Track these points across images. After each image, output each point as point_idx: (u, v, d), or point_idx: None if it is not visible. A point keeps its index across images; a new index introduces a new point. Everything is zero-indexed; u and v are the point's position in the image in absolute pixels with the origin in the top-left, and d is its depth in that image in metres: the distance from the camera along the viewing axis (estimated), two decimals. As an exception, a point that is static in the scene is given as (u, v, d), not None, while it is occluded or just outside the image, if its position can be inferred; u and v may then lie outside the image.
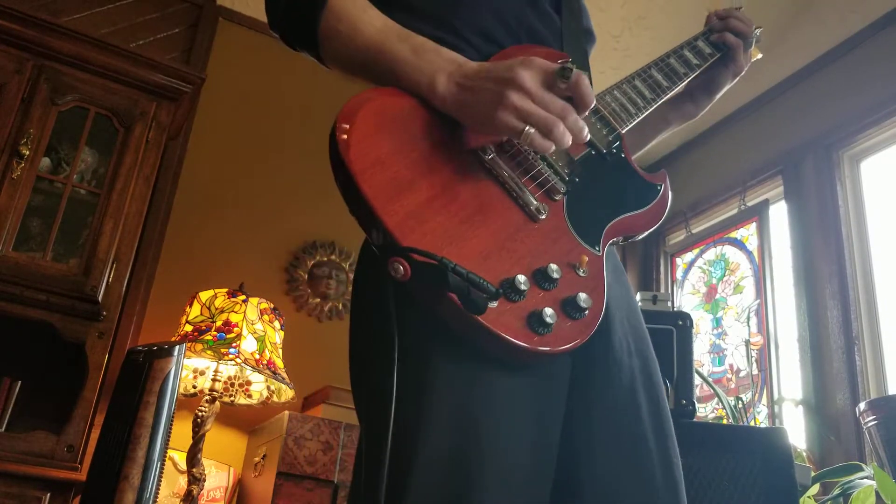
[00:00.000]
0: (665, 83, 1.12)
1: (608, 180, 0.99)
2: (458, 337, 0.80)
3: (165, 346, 1.98)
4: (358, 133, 0.81)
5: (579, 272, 0.87)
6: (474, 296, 0.74)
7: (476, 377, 0.81)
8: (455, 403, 0.80)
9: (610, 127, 1.02)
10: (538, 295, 0.82)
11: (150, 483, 1.83)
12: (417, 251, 0.75)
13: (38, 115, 2.40)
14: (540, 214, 0.88)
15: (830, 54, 3.24)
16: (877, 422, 2.20)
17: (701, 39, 1.21)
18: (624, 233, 0.98)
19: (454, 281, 0.74)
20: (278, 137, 3.31)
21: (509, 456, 0.80)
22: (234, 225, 3.10)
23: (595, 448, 0.88)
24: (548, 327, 0.80)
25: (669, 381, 1.77)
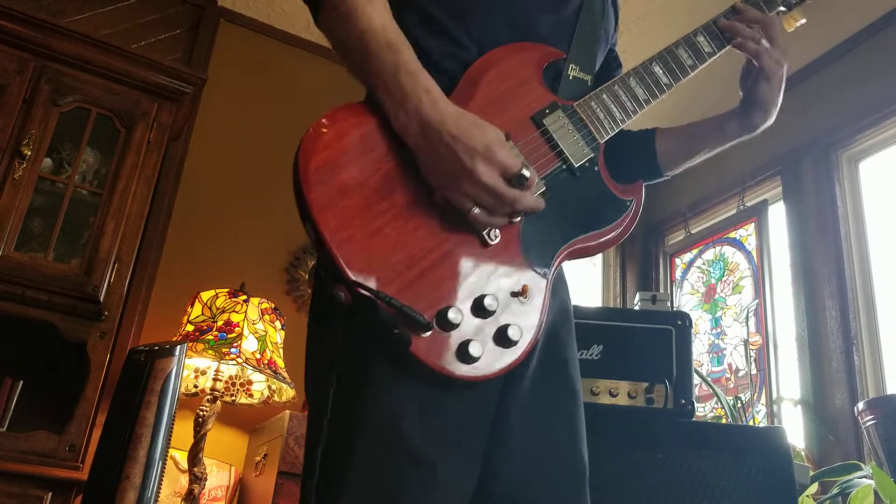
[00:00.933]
0: (665, 80, 1.06)
1: (575, 198, 0.97)
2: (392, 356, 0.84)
3: (167, 346, 1.98)
4: (318, 160, 0.84)
5: (520, 300, 0.89)
6: (398, 330, 0.79)
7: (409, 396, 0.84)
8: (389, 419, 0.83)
9: (589, 137, 0.99)
10: (473, 324, 0.85)
11: (152, 482, 1.84)
12: (357, 284, 0.79)
13: (39, 116, 2.41)
14: (490, 239, 0.89)
15: (830, 54, 3.24)
16: (875, 421, 2.21)
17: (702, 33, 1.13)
18: (580, 254, 0.98)
19: (384, 314, 0.79)
20: (279, 138, 3.31)
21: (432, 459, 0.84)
22: (235, 225, 3.10)
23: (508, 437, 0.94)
24: (474, 358, 0.83)
25: (668, 380, 1.78)
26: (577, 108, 1.00)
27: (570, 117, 0.98)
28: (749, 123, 1.16)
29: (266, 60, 3.43)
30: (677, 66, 1.08)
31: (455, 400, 0.87)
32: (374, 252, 0.82)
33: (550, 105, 0.98)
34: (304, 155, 0.84)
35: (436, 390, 0.85)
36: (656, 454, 1.72)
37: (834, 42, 3.22)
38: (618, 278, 3.95)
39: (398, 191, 0.87)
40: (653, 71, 1.06)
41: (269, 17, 3.45)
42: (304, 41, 3.52)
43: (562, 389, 1.00)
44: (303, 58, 3.51)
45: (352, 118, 0.89)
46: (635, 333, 1.85)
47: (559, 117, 0.98)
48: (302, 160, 0.83)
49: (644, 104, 1.04)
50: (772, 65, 1.12)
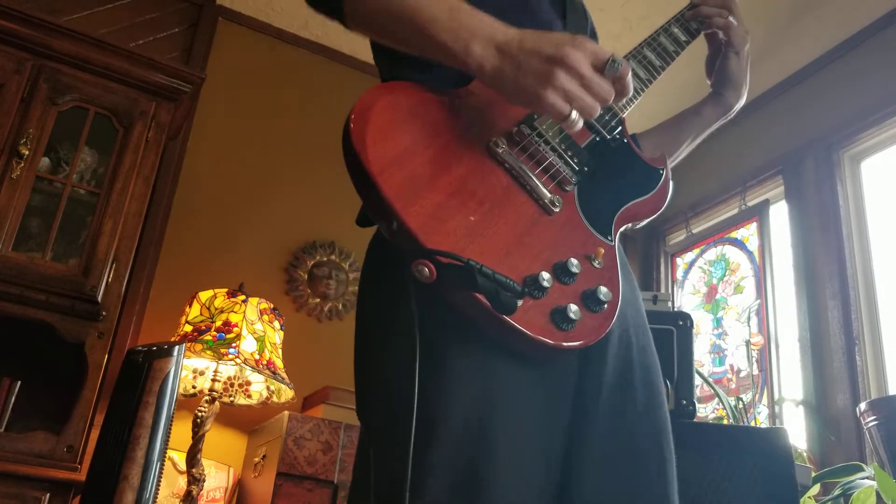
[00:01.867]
0: (658, 62, 1.12)
1: (614, 167, 0.99)
2: (472, 334, 0.80)
3: (165, 346, 1.97)
4: (373, 132, 0.80)
5: (595, 264, 0.87)
6: (503, 296, 0.74)
7: (490, 377, 0.81)
8: (470, 405, 0.80)
9: (612, 112, 1.02)
10: (559, 290, 0.82)
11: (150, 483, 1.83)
12: (443, 253, 0.75)
13: (37, 115, 2.40)
14: (554, 207, 0.89)
15: (830, 54, 3.23)
16: (877, 422, 2.20)
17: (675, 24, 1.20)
18: (632, 219, 0.99)
19: (482, 282, 0.74)
20: (278, 137, 3.31)
21: (519, 457, 0.81)
22: (233, 225, 3.09)
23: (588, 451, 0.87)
24: (572, 323, 0.80)
25: (670, 381, 1.77)
26: None
27: None
28: (723, 104, 1.20)
29: (265, 59, 3.42)
30: (664, 51, 1.14)
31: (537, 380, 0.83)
32: (447, 222, 0.79)
33: None
34: (357, 127, 0.80)
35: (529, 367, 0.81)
36: (657, 455, 1.71)
37: (835, 41, 3.21)
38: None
39: (455, 164, 0.84)
40: (646, 55, 1.11)
41: (267, 16, 3.44)
42: (303, 39, 3.51)
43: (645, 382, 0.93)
44: (302, 56, 3.50)
45: (397, 93, 0.87)
46: (636, 333, 1.83)
47: None
48: (356, 132, 0.79)
49: (647, 83, 1.09)
50: (739, 38, 1.17)
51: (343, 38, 3.52)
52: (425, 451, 0.78)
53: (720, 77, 1.19)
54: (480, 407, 0.80)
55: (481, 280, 0.73)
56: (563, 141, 0.94)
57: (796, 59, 3.32)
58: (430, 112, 0.86)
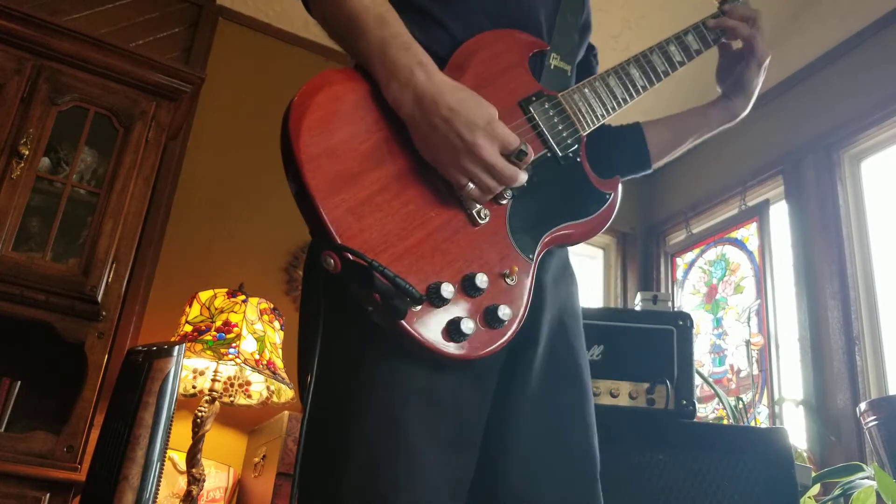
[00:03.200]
0: (641, 82, 1.09)
1: (558, 185, 0.98)
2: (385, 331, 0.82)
3: (165, 347, 1.97)
4: (311, 120, 0.81)
5: (507, 281, 0.87)
6: (397, 301, 0.76)
7: (404, 376, 0.83)
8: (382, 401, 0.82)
9: (572, 129, 1.00)
10: (462, 301, 0.83)
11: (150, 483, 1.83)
12: (350, 250, 0.76)
13: (37, 115, 2.40)
14: (480, 218, 0.88)
15: (831, 54, 3.23)
16: (877, 422, 2.20)
17: (692, 33, 1.18)
18: (561, 241, 0.98)
19: (379, 284, 0.76)
20: (278, 137, 3.30)
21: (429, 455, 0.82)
22: (233, 225, 3.09)
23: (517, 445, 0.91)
24: (463, 336, 0.81)
25: (670, 381, 1.77)
26: (561, 98, 1.01)
27: (554, 107, 0.99)
28: (731, 111, 1.22)
29: (264, 59, 3.42)
30: (651, 70, 1.12)
31: (450, 386, 0.85)
32: (365, 219, 0.80)
33: (536, 93, 0.99)
34: (296, 113, 0.81)
35: (429, 371, 0.83)
36: (657, 455, 1.72)
37: (835, 41, 3.21)
38: (619, 278, 3.94)
39: (389, 161, 0.85)
40: (630, 72, 1.09)
41: (267, 16, 3.44)
42: (303, 40, 3.51)
43: (571, 380, 0.98)
44: (301, 56, 3.50)
45: (345, 83, 0.87)
46: (636, 334, 1.84)
47: (544, 106, 0.98)
48: (293, 118, 0.81)
49: (623, 103, 1.07)
50: (763, 51, 1.18)
51: (343, 38, 3.52)
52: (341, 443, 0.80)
53: (736, 85, 1.20)
54: (395, 403, 0.82)
55: (378, 282, 0.75)
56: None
57: (796, 59, 3.32)
58: (374, 106, 0.86)
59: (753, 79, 1.19)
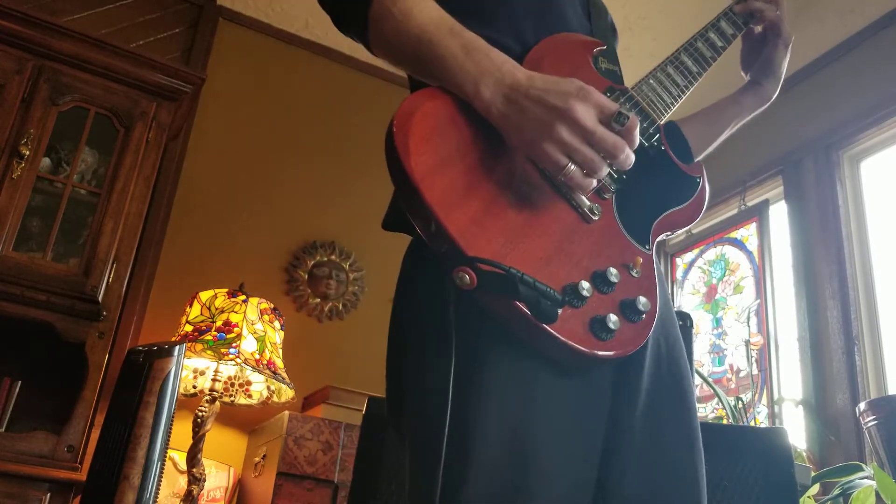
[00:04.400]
0: (695, 68, 1.11)
1: (652, 175, 0.98)
2: (509, 343, 0.80)
3: (165, 346, 1.98)
4: (415, 139, 0.80)
5: (633, 273, 0.87)
6: (543, 305, 0.74)
7: (529, 385, 0.81)
8: (508, 412, 0.79)
9: (650, 119, 1.01)
10: (598, 299, 0.82)
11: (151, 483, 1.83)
12: (484, 261, 0.74)
13: (38, 116, 2.40)
14: (593, 215, 0.88)
15: (831, 54, 3.24)
16: (877, 422, 2.20)
17: (723, 19, 1.20)
18: (670, 228, 0.98)
19: (523, 290, 0.73)
20: (278, 137, 3.31)
21: (558, 466, 0.80)
22: (234, 225, 3.10)
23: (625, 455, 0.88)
24: (610, 333, 0.80)
25: (669, 381, 1.77)
26: (633, 91, 1.02)
27: (628, 100, 1.00)
28: (763, 94, 1.24)
29: (265, 59, 3.42)
30: (701, 57, 1.14)
31: (586, 389, 0.83)
32: (488, 230, 0.79)
33: (609, 88, 0.99)
34: (401, 134, 0.80)
35: (567, 376, 0.81)
36: (657, 455, 1.71)
37: (835, 41, 3.22)
38: (618, 278, 3.94)
39: (494, 171, 0.84)
40: (683, 60, 1.12)
41: (268, 16, 3.45)
42: (303, 40, 3.51)
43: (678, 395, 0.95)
44: (302, 57, 3.50)
45: (436, 99, 0.86)
46: (636, 333, 1.83)
47: (619, 100, 0.99)
48: (399, 139, 0.79)
49: (685, 89, 1.09)
50: (788, 31, 1.21)
51: (343, 39, 3.52)
52: (462, 461, 0.77)
53: (765, 68, 1.23)
54: (518, 418, 0.80)
55: (522, 288, 0.73)
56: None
57: (796, 59, 3.32)
58: (470, 119, 0.86)
59: (782, 60, 1.22)
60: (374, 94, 3.49)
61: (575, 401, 0.84)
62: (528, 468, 0.78)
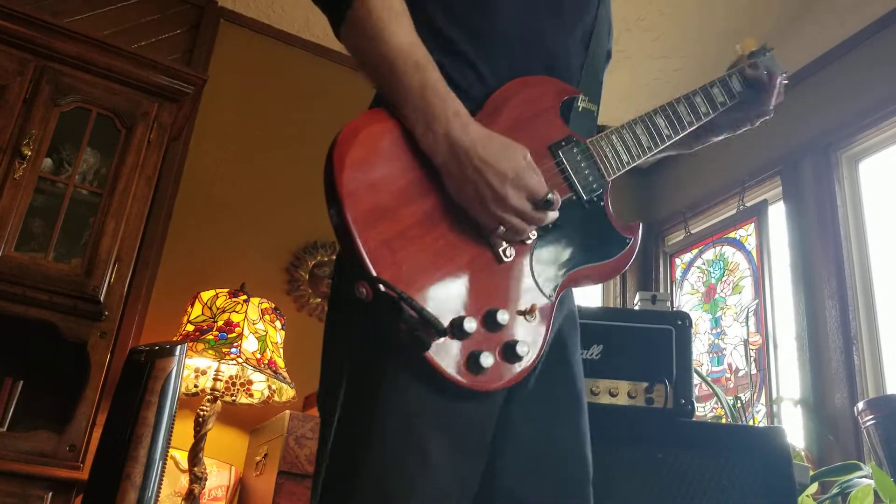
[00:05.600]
0: (666, 131, 1.13)
1: (581, 227, 1.01)
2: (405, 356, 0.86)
3: (167, 346, 1.99)
4: (353, 155, 0.86)
5: (527, 318, 0.92)
6: (422, 333, 0.81)
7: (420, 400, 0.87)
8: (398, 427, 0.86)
9: (598, 174, 1.03)
10: (484, 336, 0.88)
11: (152, 482, 1.84)
12: (382, 282, 0.81)
13: (39, 116, 2.41)
14: (505, 256, 0.92)
15: (829, 55, 3.24)
16: (875, 421, 2.21)
17: (717, 85, 1.22)
18: (580, 281, 1.02)
19: (407, 316, 0.80)
20: (279, 138, 3.32)
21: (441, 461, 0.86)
22: (235, 225, 3.10)
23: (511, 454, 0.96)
24: (481, 368, 0.86)
25: (668, 380, 1.78)
26: (589, 144, 1.04)
27: (582, 152, 1.03)
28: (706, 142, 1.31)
29: (266, 60, 3.43)
30: (676, 120, 1.15)
31: (464, 407, 0.89)
32: (398, 253, 0.84)
33: (566, 138, 1.02)
34: (341, 147, 0.86)
35: (446, 395, 0.87)
36: (656, 454, 1.72)
37: (834, 42, 3.23)
38: (618, 278, 3.95)
39: (423, 199, 0.89)
40: (656, 122, 1.13)
41: (269, 17, 3.45)
42: (304, 41, 3.52)
43: (566, 392, 1.03)
44: (302, 58, 3.51)
45: (384, 122, 0.91)
46: (635, 333, 1.85)
47: (573, 151, 1.02)
48: (338, 152, 0.85)
49: (648, 150, 1.10)
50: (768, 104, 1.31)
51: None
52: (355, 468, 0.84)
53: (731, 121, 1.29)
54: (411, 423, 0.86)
55: (407, 314, 0.80)
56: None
57: (795, 59, 3.33)
58: (410, 146, 0.90)
59: (745, 127, 1.29)
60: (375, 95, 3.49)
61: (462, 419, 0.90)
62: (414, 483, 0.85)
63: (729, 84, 1.23)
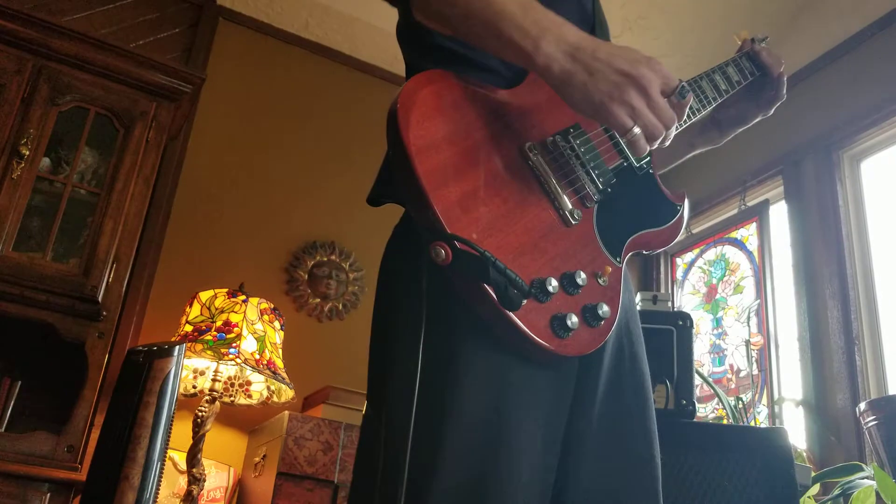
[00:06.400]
0: (695, 106, 1.13)
1: (635, 194, 1.02)
2: (485, 333, 0.83)
3: (165, 346, 1.98)
4: (417, 114, 0.83)
5: (600, 281, 0.90)
6: (510, 292, 0.77)
7: (503, 374, 0.84)
8: (482, 401, 0.82)
9: None
10: (563, 298, 0.85)
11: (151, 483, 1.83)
12: (462, 240, 0.77)
13: (38, 115, 2.40)
14: (572, 219, 0.91)
15: (831, 54, 3.24)
16: (877, 422, 2.20)
17: (731, 65, 1.22)
18: (642, 247, 1.01)
19: (493, 275, 0.76)
20: (278, 137, 3.31)
21: (526, 453, 0.83)
22: (234, 225, 3.10)
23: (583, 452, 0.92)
24: (568, 331, 0.83)
25: (669, 381, 1.77)
26: None
27: None
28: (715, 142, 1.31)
29: (265, 59, 3.42)
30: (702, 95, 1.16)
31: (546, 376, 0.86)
32: (471, 212, 0.82)
33: None
34: (404, 108, 0.83)
35: (530, 365, 0.84)
36: (657, 455, 1.71)
37: (835, 41, 3.22)
38: (618, 278, 3.94)
39: (489, 159, 0.87)
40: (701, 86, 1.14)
41: (268, 16, 3.44)
42: (303, 40, 3.51)
43: (636, 391, 1.00)
44: (301, 57, 3.50)
45: (445, 80, 0.89)
46: (636, 333, 1.84)
47: None
48: (402, 113, 0.82)
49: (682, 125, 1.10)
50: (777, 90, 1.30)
51: (344, 39, 3.53)
52: (438, 442, 0.79)
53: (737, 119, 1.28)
54: (492, 407, 0.82)
55: (493, 272, 0.76)
56: (593, 160, 0.96)
57: (796, 58, 3.32)
58: (472, 106, 0.89)
59: (753, 118, 1.28)
60: (375, 94, 3.48)
61: (544, 392, 0.87)
62: (499, 455, 0.81)
63: (741, 64, 1.24)
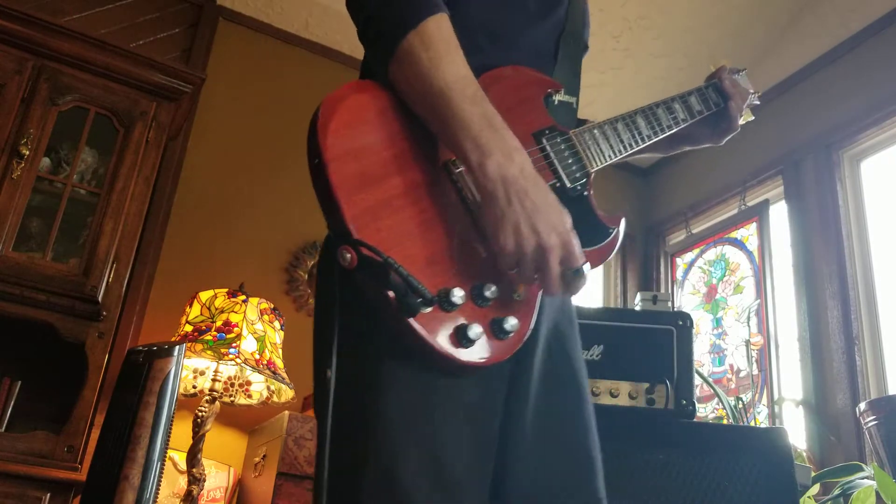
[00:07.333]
0: (646, 132, 1.15)
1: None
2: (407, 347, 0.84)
3: (165, 346, 1.98)
4: (337, 122, 0.85)
5: (514, 295, 0.90)
6: (409, 299, 0.78)
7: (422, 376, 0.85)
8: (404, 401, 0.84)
9: (581, 164, 1.04)
10: (471, 309, 0.86)
11: (150, 483, 1.83)
12: (366, 245, 0.79)
13: (37, 115, 2.40)
14: None
15: (830, 54, 3.24)
16: (877, 422, 2.20)
17: (695, 94, 1.24)
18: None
19: (394, 280, 0.78)
20: (278, 137, 3.31)
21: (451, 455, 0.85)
22: (234, 225, 3.10)
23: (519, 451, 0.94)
24: (471, 342, 0.83)
25: (669, 381, 1.77)
26: (572, 135, 1.05)
27: (565, 142, 1.04)
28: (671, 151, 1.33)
29: (265, 59, 3.42)
30: (656, 123, 1.18)
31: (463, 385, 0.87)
32: (382, 220, 0.83)
33: (550, 127, 1.03)
34: (325, 115, 0.85)
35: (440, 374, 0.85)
36: (657, 455, 1.72)
37: (835, 41, 3.22)
38: (619, 278, 3.94)
39: (409, 170, 0.88)
40: (636, 120, 1.15)
41: (268, 16, 3.45)
42: (303, 40, 3.51)
43: (568, 386, 1.02)
44: (301, 57, 3.50)
45: (371, 91, 0.91)
46: (636, 334, 1.84)
47: (557, 140, 1.03)
48: (322, 120, 0.85)
49: (628, 147, 1.12)
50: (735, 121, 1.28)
51: (343, 39, 3.52)
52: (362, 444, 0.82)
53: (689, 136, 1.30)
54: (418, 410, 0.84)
55: (393, 278, 0.77)
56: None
57: (796, 59, 3.32)
58: (398, 117, 0.90)
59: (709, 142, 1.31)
60: (374, 94, 3.48)
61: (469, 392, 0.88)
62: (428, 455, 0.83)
63: (706, 94, 1.26)
